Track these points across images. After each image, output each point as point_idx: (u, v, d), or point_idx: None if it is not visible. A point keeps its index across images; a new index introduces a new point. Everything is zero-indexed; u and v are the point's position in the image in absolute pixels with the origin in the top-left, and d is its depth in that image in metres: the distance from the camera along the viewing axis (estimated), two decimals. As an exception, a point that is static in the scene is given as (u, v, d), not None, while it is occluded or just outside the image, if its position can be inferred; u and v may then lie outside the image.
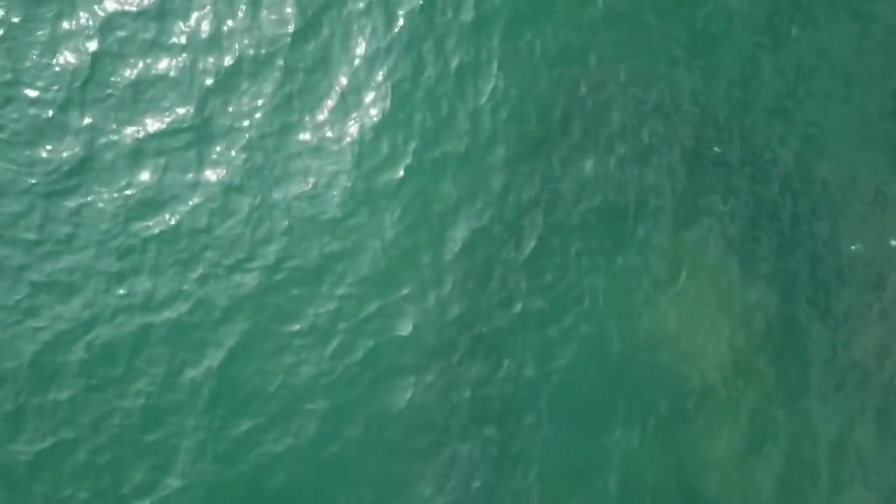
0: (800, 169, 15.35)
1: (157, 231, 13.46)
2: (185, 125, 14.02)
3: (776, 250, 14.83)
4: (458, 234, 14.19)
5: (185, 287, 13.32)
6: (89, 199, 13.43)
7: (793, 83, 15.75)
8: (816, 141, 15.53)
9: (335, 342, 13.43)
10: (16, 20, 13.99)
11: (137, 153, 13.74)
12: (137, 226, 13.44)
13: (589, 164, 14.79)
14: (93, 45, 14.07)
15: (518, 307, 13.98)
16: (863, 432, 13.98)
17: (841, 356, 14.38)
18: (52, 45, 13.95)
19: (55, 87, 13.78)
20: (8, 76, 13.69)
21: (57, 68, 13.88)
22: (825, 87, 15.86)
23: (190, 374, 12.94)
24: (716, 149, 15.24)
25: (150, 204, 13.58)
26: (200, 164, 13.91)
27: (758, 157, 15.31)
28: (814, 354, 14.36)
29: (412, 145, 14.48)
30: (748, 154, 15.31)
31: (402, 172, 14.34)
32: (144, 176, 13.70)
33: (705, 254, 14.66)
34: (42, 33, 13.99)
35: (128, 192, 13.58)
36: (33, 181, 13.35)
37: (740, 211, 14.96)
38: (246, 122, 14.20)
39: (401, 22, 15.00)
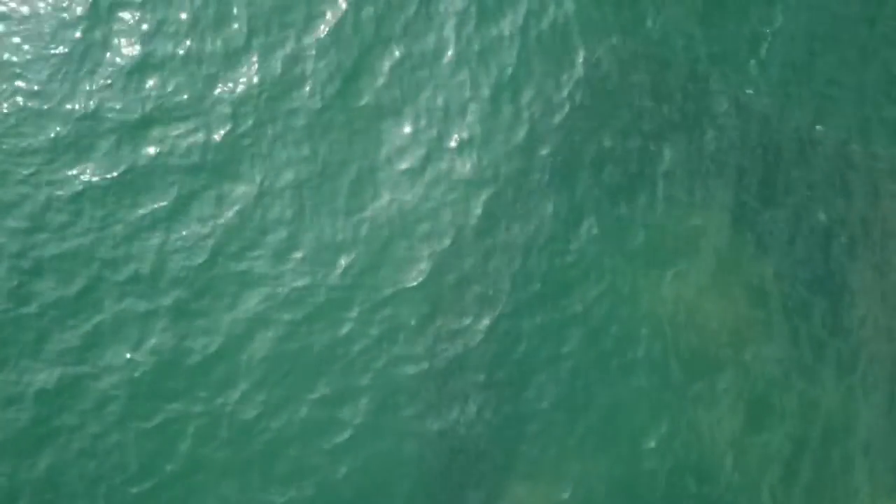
0: (816, 148, 15.24)
1: (161, 216, 13.37)
2: (191, 110, 13.94)
3: (791, 229, 14.73)
4: (475, 219, 14.07)
5: (191, 273, 13.21)
6: (89, 185, 13.36)
7: (805, 60, 15.67)
8: (831, 119, 15.40)
9: (345, 329, 13.28)
10: (11, 11, 14.01)
11: (138, 139, 13.66)
12: (141, 211, 13.35)
13: (608, 144, 14.71)
14: (92, 32, 14.06)
15: (534, 290, 13.85)
16: (872, 412, 13.84)
17: (854, 334, 14.23)
18: (50, 34, 13.93)
19: (53, 76, 13.73)
20: (23, 91, 13.64)
21: (54, 57, 13.84)
22: (838, 66, 15.75)
23: (195, 360, 12.84)
24: (731, 128, 15.13)
25: (155, 189, 13.50)
26: (206, 148, 13.82)
27: (772, 136, 15.20)
28: (826, 332, 14.23)
29: (428, 126, 14.36)
30: (762, 132, 15.18)
31: (417, 155, 14.21)
32: (147, 161, 13.61)
33: (721, 232, 14.55)
34: (39, 23, 13.98)
35: (130, 178, 13.49)
36: (31, 169, 13.28)
37: (755, 189, 14.86)
38: (253, 106, 14.10)
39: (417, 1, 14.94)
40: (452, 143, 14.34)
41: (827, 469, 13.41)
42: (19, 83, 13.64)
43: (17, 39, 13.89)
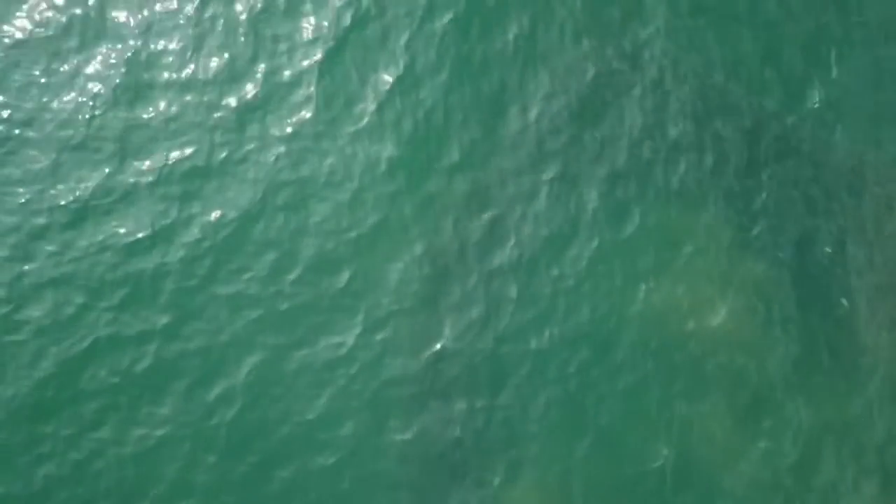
0: (822, 149, 15.16)
1: (155, 239, 13.36)
2: (185, 133, 13.96)
3: (797, 232, 14.60)
4: (476, 237, 13.91)
5: (184, 295, 13.14)
6: (82, 209, 13.38)
7: (814, 61, 15.62)
8: (839, 121, 15.30)
9: (340, 351, 13.11)
10: (23, 62, 14.16)
11: (131, 163, 13.70)
12: (134, 234, 13.36)
13: (616, 160, 14.59)
14: (85, 58, 14.19)
15: (537, 308, 13.65)
16: (879, 413, 13.58)
17: (861, 336, 14.04)
18: (43, 60, 14.10)
19: (46, 102, 13.85)
20: (15, 118, 13.77)
21: (47, 82, 13.95)
22: (848, 65, 15.68)
23: (188, 382, 12.73)
24: (736, 127, 15.06)
25: (148, 212, 13.48)
26: (201, 171, 13.81)
27: (778, 137, 15.07)
28: (834, 338, 14.04)
29: (428, 143, 14.31)
30: (768, 133, 15.07)
31: (416, 172, 14.12)
32: (141, 185, 13.63)
33: (727, 236, 14.43)
34: (31, 49, 14.15)
35: (123, 201, 13.52)
36: (24, 196, 13.33)
37: (760, 190, 14.71)
38: (248, 129, 14.10)
39: (419, 29, 14.98)
40: (453, 161, 14.26)
41: (836, 474, 13.12)
42: (11, 110, 13.76)
43: (9, 66, 14.02)
